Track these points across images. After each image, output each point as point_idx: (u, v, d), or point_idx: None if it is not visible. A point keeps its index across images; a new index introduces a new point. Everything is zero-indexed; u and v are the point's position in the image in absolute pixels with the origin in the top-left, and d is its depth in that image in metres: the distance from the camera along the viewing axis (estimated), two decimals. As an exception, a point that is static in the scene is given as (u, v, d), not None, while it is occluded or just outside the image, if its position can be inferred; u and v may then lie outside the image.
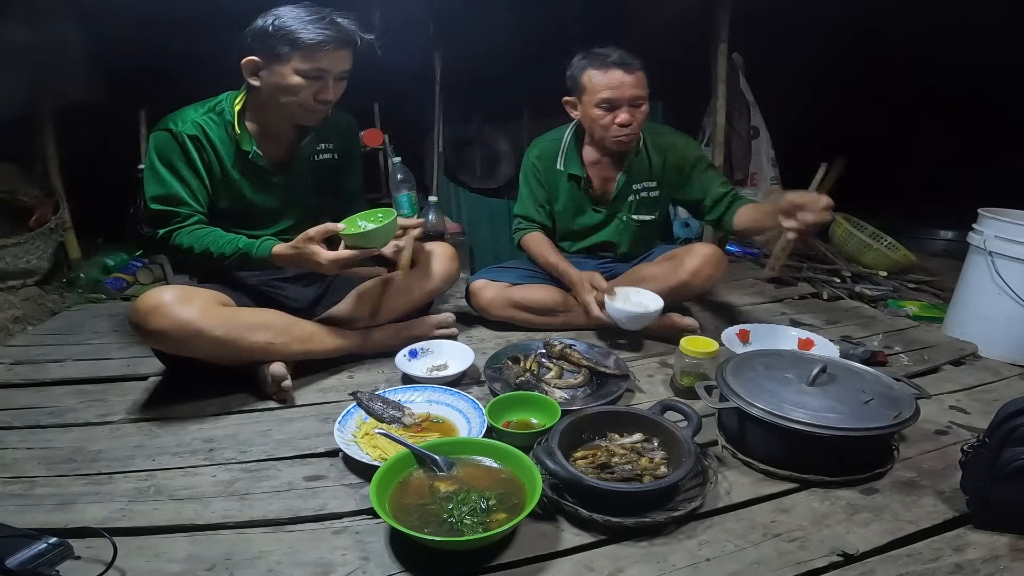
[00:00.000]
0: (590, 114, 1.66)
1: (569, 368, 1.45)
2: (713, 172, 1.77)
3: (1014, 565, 0.87)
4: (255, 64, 1.33)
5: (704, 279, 1.66)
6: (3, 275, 2.12)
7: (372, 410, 1.22)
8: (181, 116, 1.38)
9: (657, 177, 1.77)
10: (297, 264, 1.33)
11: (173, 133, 1.35)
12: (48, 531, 0.84)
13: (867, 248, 2.46)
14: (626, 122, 1.62)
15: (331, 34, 1.28)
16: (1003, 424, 0.91)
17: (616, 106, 1.62)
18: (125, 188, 2.55)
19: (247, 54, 1.32)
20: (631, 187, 1.77)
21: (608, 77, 1.60)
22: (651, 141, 1.76)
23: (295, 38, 1.27)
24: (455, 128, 3.13)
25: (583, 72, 1.65)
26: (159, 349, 1.32)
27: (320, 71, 1.31)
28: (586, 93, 1.65)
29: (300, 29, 1.27)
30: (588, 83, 1.64)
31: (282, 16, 1.28)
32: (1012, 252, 1.59)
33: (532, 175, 1.85)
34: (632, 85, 1.60)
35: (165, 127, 1.36)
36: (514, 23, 2.61)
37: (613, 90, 1.60)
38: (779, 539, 0.92)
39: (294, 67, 1.30)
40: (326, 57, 1.30)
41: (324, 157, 1.56)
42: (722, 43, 2.65)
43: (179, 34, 2.14)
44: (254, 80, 1.35)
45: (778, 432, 1.04)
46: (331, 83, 1.34)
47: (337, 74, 1.34)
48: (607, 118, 1.63)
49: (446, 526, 0.88)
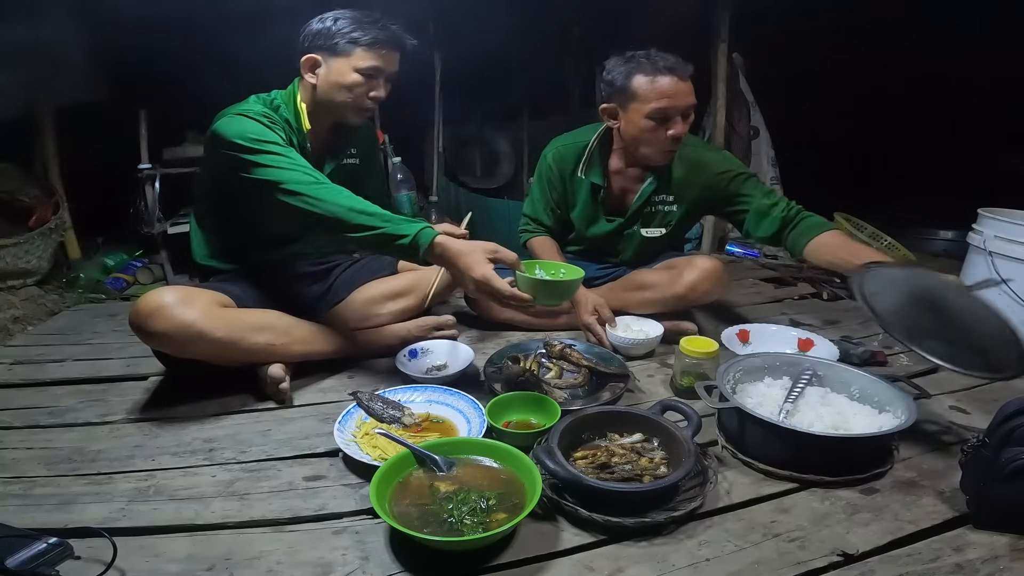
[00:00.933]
0: (638, 124, 1.52)
1: (569, 368, 1.45)
2: (754, 185, 1.62)
3: (1014, 565, 0.87)
4: (314, 61, 1.40)
5: (701, 294, 1.61)
6: (3, 275, 2.12)
7: (372, 410, 1.22)
8: (247, 108, 1.35)
9: (676, 192, 1.67)
10: (451, 266, 1.21)
11: (266, 115, 1.34)
12: (48, 531, 0.84)
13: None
14: (680, 134, 1.50)
15: (387, 35, 1.37)
16: (1003, 424, 0.91)
17: (669, 117, 1.49)
18: (125, 188, 2.55)
19: (306, 52, 1.39)
20: (650, 200, 1.68)
21: (662, 85, 1.47)
22: (679, 153, 1.62)
23: (355, 36, 1.36)
24: (455, 128, 3.13)
25: (630, 78, 1.51)
26: (160, 351, 1.32)
27: (376, 69, 1.39)
28: (635, 101, 1.51)
29: (359, 28, 1.36)
30: (638, 90, 1.49)
31: (341, 16, 1.37)
32: (1012, 252, 1.59)
33: (547, 177, 1.77)
34: (687, 94, 1.49)
35: (239, 113, 1.32)
36: (514, 23, 2.61)
37: (668, 99, 1.47)
38: (779, 539, 0.92)
39: (353, 64, 1.37)
40: (382, 57, 1.38)
41: (349, 161, 1.59)
42: (722, 43, 2.65)
43: (179, 34, 2.14)
44: (311, 77, 1.41)
45: (778, 433, 1.04)
46: (382, 83, 1.42)
47: (388, 74, 1.42)
48: (659, 130, 1.50)
49: (446, 526, 0.88)
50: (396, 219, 1.22)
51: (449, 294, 1.76)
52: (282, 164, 1.26)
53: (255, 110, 1.34)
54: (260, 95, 1.44)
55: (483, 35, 2.51)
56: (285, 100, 1.44)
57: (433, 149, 2.98)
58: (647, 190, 1.67)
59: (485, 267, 1.16)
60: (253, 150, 1.27)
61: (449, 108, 2.99)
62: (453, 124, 3.10)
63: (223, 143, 1.29)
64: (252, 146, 1.27)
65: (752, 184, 1.62)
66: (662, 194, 1.68)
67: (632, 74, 1.50)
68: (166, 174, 2.53)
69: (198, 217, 1.53)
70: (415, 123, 2.99)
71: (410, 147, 2.87)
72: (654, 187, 1.66)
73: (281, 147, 1.29)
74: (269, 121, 1.33)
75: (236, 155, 1.27)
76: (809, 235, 1.48)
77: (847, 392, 1.22)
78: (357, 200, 1.24)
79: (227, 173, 1.31)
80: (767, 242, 1.65)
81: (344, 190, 1.26)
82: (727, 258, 2.71)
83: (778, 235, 1.55)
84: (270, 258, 1.53)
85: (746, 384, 1.25)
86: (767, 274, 2.42)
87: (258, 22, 1.96)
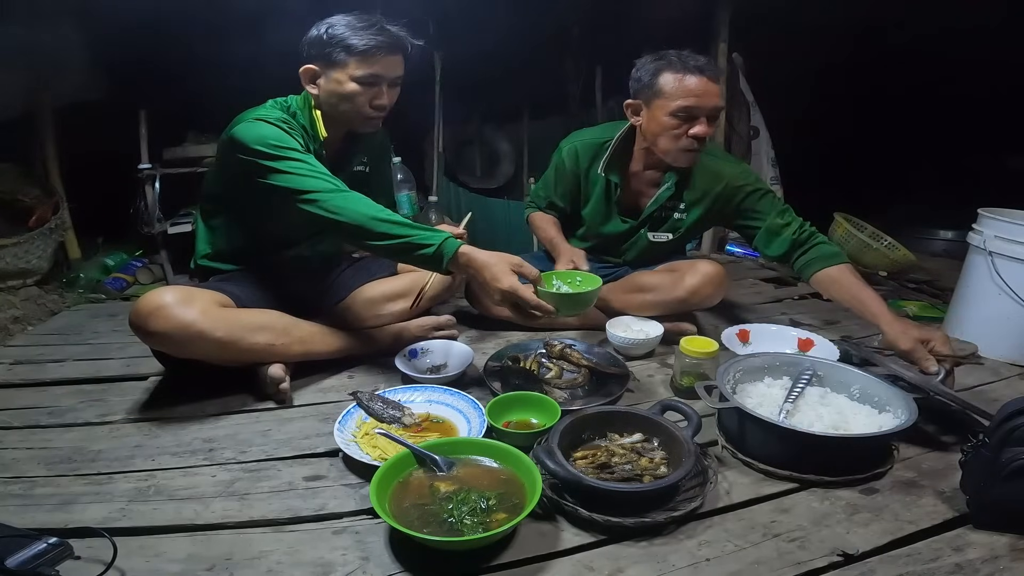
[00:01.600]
0: (661, 121, 1.50)
1: (569, 368, 1.45)
2: (769, 202, 1.61)
3: (1014, 565, 0.87)
4: (313, 72, 1.38)
5: (702, 299, 1.60)
6: (3, 275, 2.12)
7: (372, 410, 1.22)
8: (266, 114, 1.35)
9: (690, 200, 1.65)
10: (476, 276, 1.23)
11: (285, 120, 1.34)
12: (48, 531, 0.84)
13: (867, 248, 2.46)
14: (703, 134, 1.48)
15: (383, 40, 1.33)
16: (1003, 424, 0.91)
17: (694, 116, 1.47)
18: (125, 188, 2.56)
19: (305, 63, 1.37)
20: (664, 205, 1.67)
21: (689, 83, 1.45)
22: (699, 162, 1.60)
23: (348, 44, 1.31)
24: (455, 128, 3.14)
25: (657, 75, 1.49)
26: (160, 350, 1.32)
27: (374, 76, 1.35)
28: (660, 98, 1.49)
29: (353, 36, 1.31)
30: (664, 87, 1.48)
31: (335, 24, 1.33)
32: (1012, 252, 1.58)
33: (562, 169, 1.75)
34: (714, 94, 1.47)
35: (272, 121, 1.31)
36: (514, 23, 2.61)
37: (695, 98, 1.45)
38: (779, 539, 0.92)
39: (350, 73, 1.34)
40: (379, 63, 1.34)
41: (358, 169, 1.58)
42: (722, 43, 2.65)
43: (179, 34, 2.14)
44: (312, 88, 1.39)
45: (778, 433, 1.04)
46: (385, 89, 1.38)
47: (391, 80, 1.38)
48: (681, 128, 1.49)
49: (446, 526, 0.88)
50: (420, 228, 1.23)
51: (449, 295, 1.76)
52: (302, 171, 1.26)
53: (274, 115, 1.34)
54: (277, 99, 1.43)
55: (483, 35, 2.51)
56: (300, 106, 1.43)
57: (433, 149, 2.98)
58: (663, 195, 1.65)
59: (511, 278, 1.20)
60: (273, 156, 1.27)
61: (449, 108, 3.00)
62: (453, 124, 3.10)
63: (241, 148, 1.28)
64: (272, 152, 1.27)
65: (768, 201, 1.61)
66: (676, 200, 1.67)
67: (660, 71, 1.49)
68: (166, 174, 2.53)
69: (205, 215, 1.53)
70: (415, 123, 2.99)
71: (410, 147, 2.87)
72: (671, 192, 1.64)
73: (300, 153, 1.29)
74: (288, 127, 1.33)
75: (255, 160, 1.27)
76: (819, 265, 1.49)
77: (847, 392, 1.22)
78: (378, 208, 1.25)
79: (242, 177, 1.31)
80: (776, 261, 1.64)
81: (364, 198, 1.27)
82: (727, 258, 2.71)
83: (787, 256, 1.56)
84: (275, 259, 1.53)
85: (746, 384, 1.25)
86: (767, 274, 2.43)
87: (258, 22, 1.97)
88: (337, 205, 1.23)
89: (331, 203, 1.24)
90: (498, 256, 1.22)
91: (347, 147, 1.53)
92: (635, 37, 1.64)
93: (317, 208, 1.24)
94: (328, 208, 1.23)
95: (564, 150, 1.75)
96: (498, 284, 1.19)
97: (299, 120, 1.40)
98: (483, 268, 1.21)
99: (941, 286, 2.26)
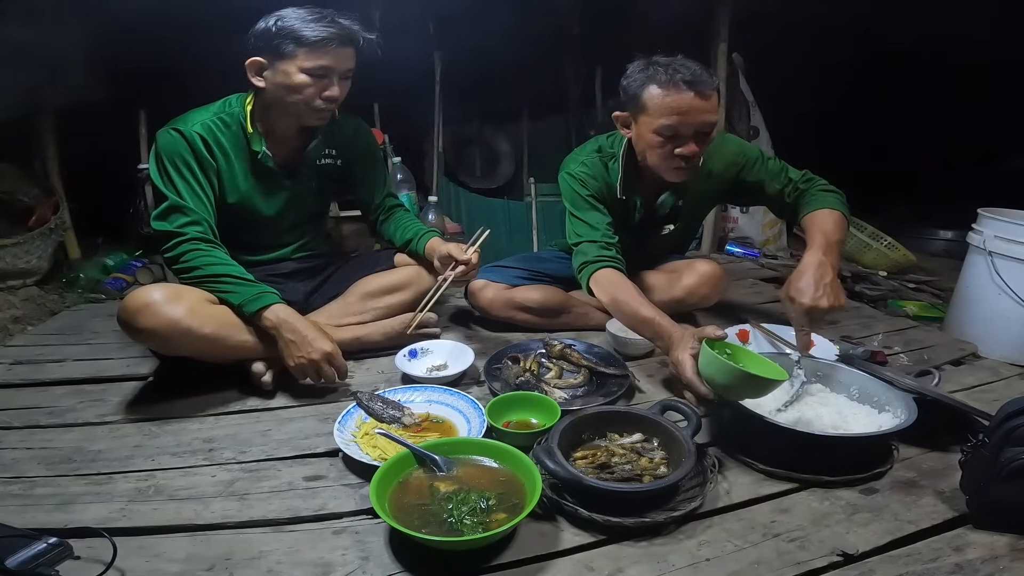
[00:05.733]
0: (647, 138, 1.40)
1: (569, 368, 1.45)
2: (771, 167, 1.54)
3: (1014, 565, 0.87)
4: (259, 64, 1.36)
5: (699, 299, 1.59)
6: (3, 275, 2.12)
7: (372, 410, 1.22)
8: (188, 118, 1.39)
9: (692, 188, 1.57)
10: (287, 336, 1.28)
11: (181, 132, 1.36)
12: (48, 531, 0.84)
13: (867, 248, 2.47)
14: (690, 154, 1.36)
15: (334, 32, 1.31)
16: (1003, 424, 0.91)
17: (679, 134, 1.34)
18: (125, 188, 2.55)
19: (251, 55, 1.35)
20: (667, 215, 1.60)
21: (674, 99, 1.31)
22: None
23: (299, 36, 1.30)
24: (455, 128, 3.13)
25: (643, 87, 1.36)
26: (148, 347, 1.33)
27: (324, 69, 1.33)
28: (644, 113, 1.38)
29: (303, 27, 1.30)
30: (648, 103, 1.36)
31: (285, 16, 1.32)
32: (1012, 252, 1.59)
33: (586, 196, 1.53)
34: (704, 111, 1.32)
35: (173, 128, 1.36)
36: (514, 23, 2.61)
37: (679, 116, 1.32)
38: (779, 539, 0.92)
39: (299, 65, 1.32)
40: (329, 55, 1.32)
41: (326, 163, 1.56)
42: (722, 43, 2.65)
43: (179, 34, 2.14)
44: (259, 81, 1.37)
45: (778, 433, 1.04)
46: (336, 81, 1.36)
47: (341, 72, 1.37)
48: (666, 147, 1.37)
49: (446, 526, 0.88)
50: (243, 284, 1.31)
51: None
52: (176, 239, 1.32)
53: (177, 134, 1.36)
54: (209, 104, 1.44)
55: (483, 35, 2.51)
56: (239, 104, 1.43)
57: (433, 149, 2.98)
58: (667, 201, 1.59)
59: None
60: (156, 227, 1.34)
61: (449, 108, 3.00)
62: (453, 124, 3.10)
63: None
64: (154, 224, 1.34)
65: (770, 168, 1.55)
66: (677, 204, 1.62)
67: (646, 84, 1.36)
68: (166, 174, 2.52)
69: None
70: (415, 123, 2.99)
71: (410, 147, 2.87)
72: (672, 201, 1.59)
73: (179, 213, 1.33)
74: (190, 148, 1.36)
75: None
76: (803, 212, 1.46)
77: (847, 392, 1.22)
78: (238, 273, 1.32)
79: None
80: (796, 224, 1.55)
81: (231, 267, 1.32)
82: (727, 258, 2.71)
83: (797, 219, 1.51)
84: (259, 261, 1.55)
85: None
86: (767, 274, 2.42)
87: (258, 21, 1.96)
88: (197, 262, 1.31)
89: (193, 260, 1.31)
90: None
91: (304, 140, 1.50)
92: (635, 37, 1.63)
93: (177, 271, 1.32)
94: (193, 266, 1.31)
95: (576, 173, 1.56)
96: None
97: (237, 118, 1.41)
98: (293, 331, 1.27)
99: (941, 286, 2.26)
